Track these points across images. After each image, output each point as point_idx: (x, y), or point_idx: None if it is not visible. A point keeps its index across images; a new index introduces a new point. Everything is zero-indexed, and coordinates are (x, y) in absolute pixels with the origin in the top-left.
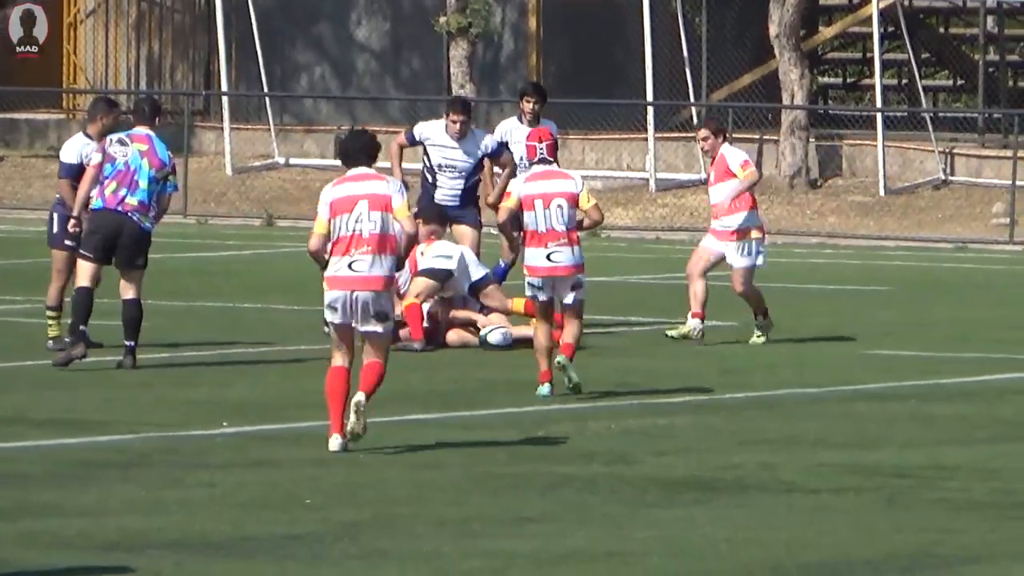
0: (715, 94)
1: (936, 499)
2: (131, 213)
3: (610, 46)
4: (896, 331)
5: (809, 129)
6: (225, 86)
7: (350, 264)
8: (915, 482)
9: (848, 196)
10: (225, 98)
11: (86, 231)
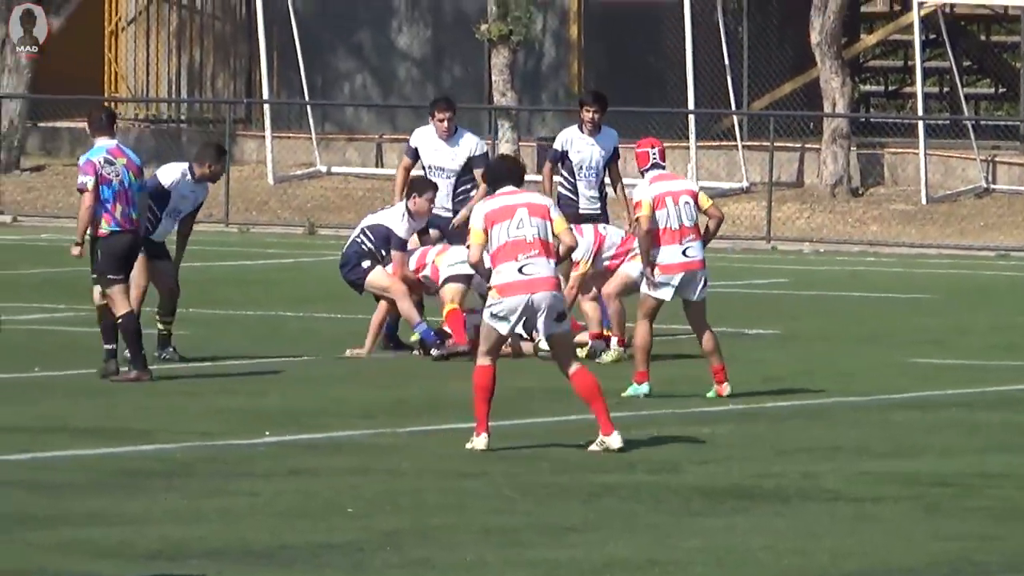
0: (756, 102)
1: (978, 507)
2: (138, 228)
3: (651, 54)
4: (938, 339)
5: (851, 137)
6: (267, 94)
7: (521, 269)
8: (957, 490)
9: (890, 204)
10: (267, 106)
11: (107, 255)
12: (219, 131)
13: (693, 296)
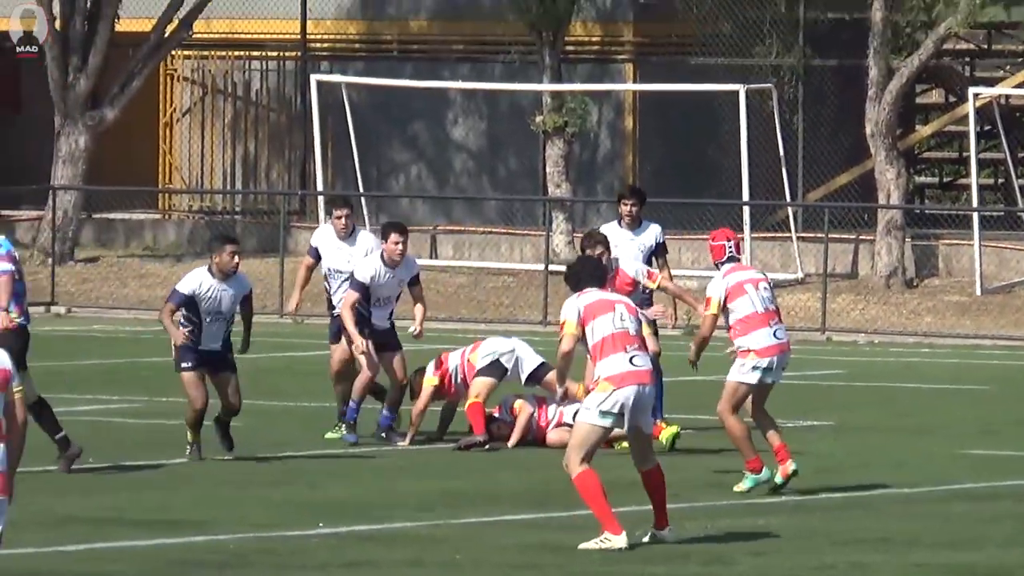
0: (811, 193)
1: None
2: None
3: (706, 145)
4: (993, 430)
5: (905, 229)
6: (321, 185)
7: (631, 359)
8: None
9: (944, 296)
10: (320, 197)
11: (19, 349)
12: (273, 222)
13: (778, 378)
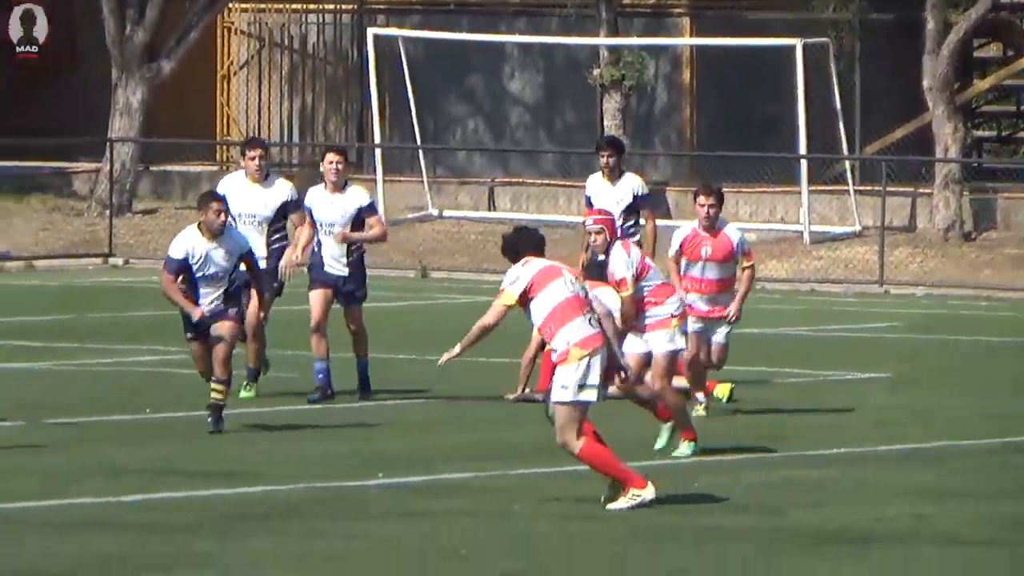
0: (868, 147)
1: None
2: None
3: (763, 99)
4: None
5: (963, 182)
6: (378, 138)
7: (589, 321)
8: None
9: (1003, 249)
10: (378, 150)
11: None
12: None
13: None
